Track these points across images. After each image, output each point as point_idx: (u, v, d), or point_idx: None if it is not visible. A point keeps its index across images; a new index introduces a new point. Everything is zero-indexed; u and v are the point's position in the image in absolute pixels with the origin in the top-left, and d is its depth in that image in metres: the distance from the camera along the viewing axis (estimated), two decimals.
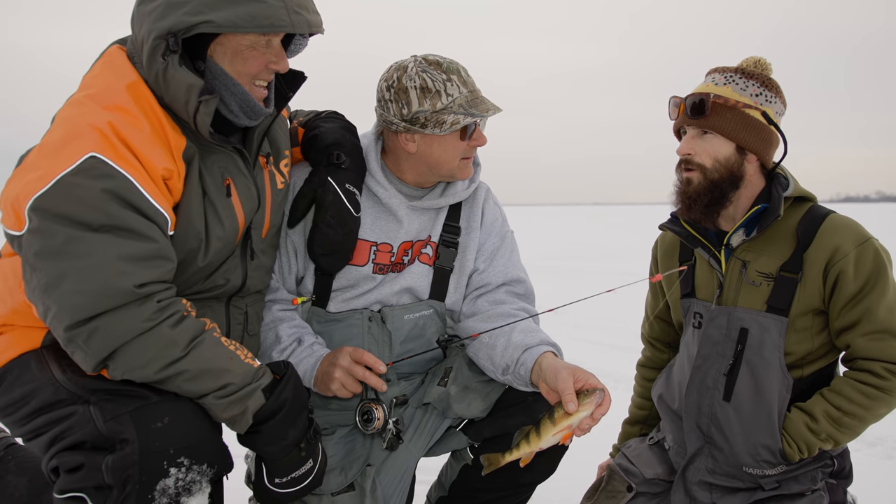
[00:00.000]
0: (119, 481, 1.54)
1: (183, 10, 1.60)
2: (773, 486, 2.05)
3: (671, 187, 2.13)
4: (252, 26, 1.63)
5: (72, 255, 1.52)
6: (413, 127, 1.97)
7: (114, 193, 1.55)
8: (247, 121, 1.79)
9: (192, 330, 1.62)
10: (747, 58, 2.11)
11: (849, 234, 1.99)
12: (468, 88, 1.98)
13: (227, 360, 1.64)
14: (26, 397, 1.68)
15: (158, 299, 1.58)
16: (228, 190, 1.79)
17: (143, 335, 1.56)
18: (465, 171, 2.07)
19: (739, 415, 2.06)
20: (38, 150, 1.63)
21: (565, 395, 1.70)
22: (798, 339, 2.02)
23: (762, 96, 2.05)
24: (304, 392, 1.78)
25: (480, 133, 2.04)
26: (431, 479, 2.34)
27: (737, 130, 2.02)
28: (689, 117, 2.04)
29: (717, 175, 2.03)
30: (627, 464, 2.29)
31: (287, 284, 2.10)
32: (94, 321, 1.53)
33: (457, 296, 2.16)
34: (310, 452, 1.78)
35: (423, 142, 2.00)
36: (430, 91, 1.94)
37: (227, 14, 1.60)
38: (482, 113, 1.97)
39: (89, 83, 1.71)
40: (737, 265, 2.09)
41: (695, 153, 2.05)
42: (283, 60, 1.76)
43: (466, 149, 2.03)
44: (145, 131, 1.64)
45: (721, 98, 2.02)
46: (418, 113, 1.96)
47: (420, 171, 2.06)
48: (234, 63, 1.70)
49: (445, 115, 1.94)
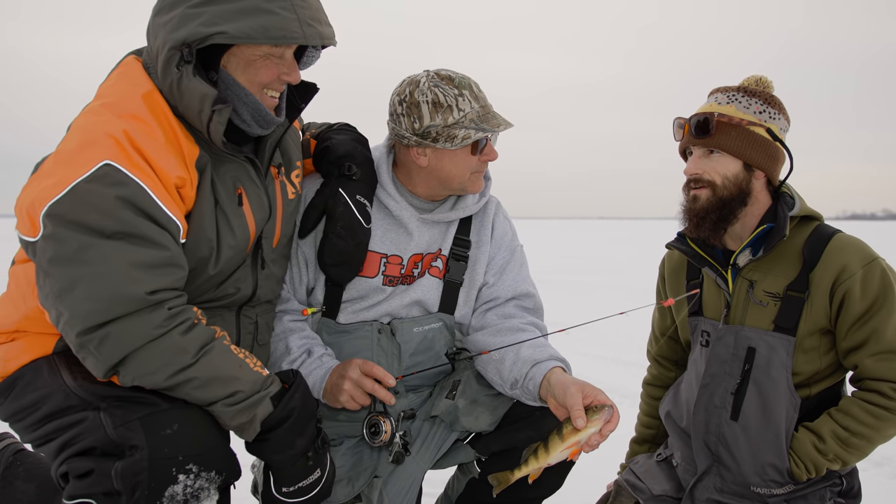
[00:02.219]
0: (128, 487, 1.54)
1: (197, 22, 1.62)
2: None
3: (678, 207, 2.13)
4: (265, 38, 1.64)
5: (84, 261, 1.54)
6: (424, 141, 1.98)
7: (127, 201, 1.56)
8: (259, 130, 1.80)
9: (203, 338, 1.62)
10: (748, 77, 2.12)
11: (855, 253, 1.98)
12: (480, 103, 1.99)
13: (236, 367, 1.65)
14: (37, 403, 1.69)
15: (170, 307, 1.59)
16: (240, 199, 1.81)
17: (153, 342, 1.56)
18: (475, 184, 2.08)
19: (747, 434, 2.05)
20: (53, 158, 1.65)
21: (574, 411, 1.70)
22: (806, 359, 2.02)
23: (766, 113, 2.05)
24: (313, 401, 1.78)
25: (492, 148, 2.05)
26: (438, 492, 2.34)
27: (742, 148, 2.02)
28: (695, 137, 2.05)
29: (726, 192, 2.03)
30: (635, 479, 2.28)
31: (298, 295, 2.10)
32: (106, 327, 1.54)
33: (466, 309, 2.16)
34: (318, 462, 1.78)
35: (434, 156, 2.01)
36: (441, 106, 1.95)
37: (240, 25, 1.62)
38: (493, 128, 1.98)
39: (105, 92, 1.73)
40: (744, 285, 2.09)
41: (703, 172, 2.05)
42: (294, 72, 1.78)
43: (477, 163, 2.04)
44: (159, 140, 1.66)
45: (725, 116, 2.03)
46: (430, 127, 1.97)
47: (431, 184, 2.07)
48: (247, 73, 1.72)
49: (457, 129, 1.96)
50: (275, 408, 1.67)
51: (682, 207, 2.11)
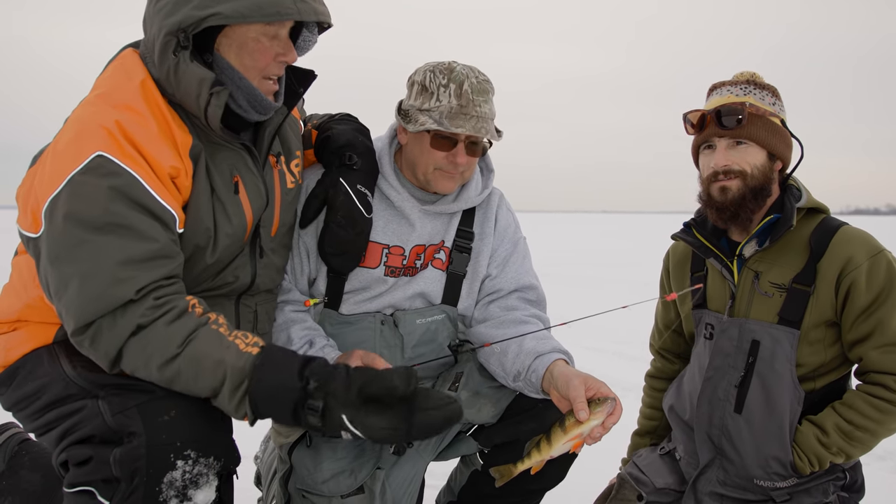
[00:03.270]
0: (127, 474, 1.54)
1: (191, 6, 1.62)
2: (784, 498, 2.04)
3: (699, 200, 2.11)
4: (259, 15, 1.63)
5: (75, 259, 1.54)
6: (401, 118, 2.03)
7: (120, 191, 1.56)
8: (255, 115, 1.79)
9: (190, 326, 1.59)
10: (742, 72, 2.11)
11: (861, 245, 1.98)
12: (460, 102, 1.94)
13: (222, 350, 1.57)
14: (38, 392, 1.70)
15: (155, 297, 1.58)
16: (237, 187, 1.80)
17: (138, 332, 1.56)
18: (440, 182, 2.03)
19: (750, 427, 2.05)
20: (50, 150, 1.65)
21: (577, 404, 1.70)
22: (810, 350, 2.01)
23: (777, 104, 2.08)
24: (284, 358, 1.59)
25: (460, 151, 1.98)
26: (441, 484, 2.34)
27: (769, 138, 2.03)
28: (723, 128, 2.03)
29: (756, 182, 2.03)
30: (638, 473, 2.28)
31: (299, 285, 2.10)
32: (95, 324, 1.55)
33: (469, 301, 2.15)
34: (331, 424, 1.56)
35: (408, 137, 2.05)
36: (425, 90, 1.97)
37: (234, 5, 1.61)
38: (451, 127, 1.92)
39: (101, 84, 1.73)
40: (749, 276, 2.08)
41: (732, 163, 2.03)
42: (290, 51, 1.76)
43: (443, 160, 1.99)
44: (152, 130, 1.65)
45: (754, 107, 2.03)
46: (409, 106, 2.01)
47: (409, 166, 2.08)
48: (241, 56, 1.71)
49: (422, 115, 1.96)
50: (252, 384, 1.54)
51: (705, 200, 2.08)
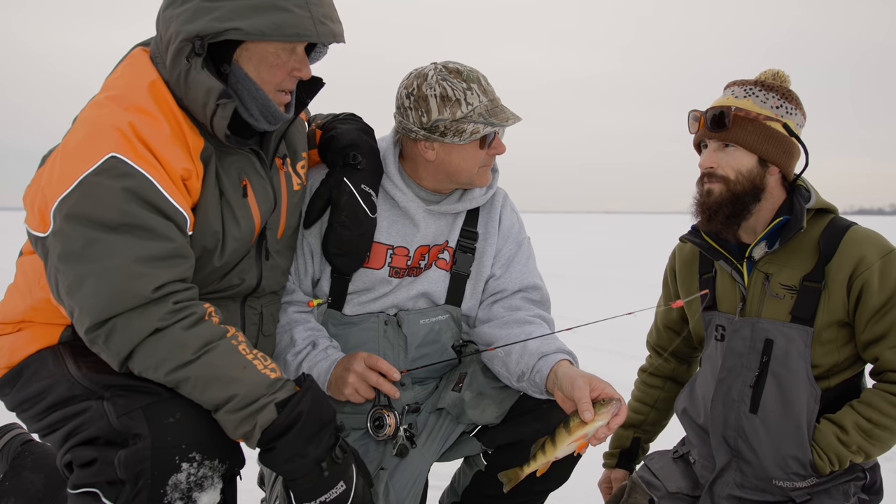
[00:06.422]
0: (131, 476, 1.54)
1: (212, 16, 1.62)
2: (804, 498, 2.02)
3: (691, 200, 2.11)
4: (278, 35, 1.64)
5: (91, 257, 1.55)
6: (432, 135, 1.97)
7: (133, 192, 1.57)
8: (266, 125, 1.80)
9: (207, 335, 1.59)
10: (765, 70, 2.10)
11: (872, 245, 1.97)
12: (488, 97, 1.97)
13: (239, 368, 1.58)
14: (42, 393, 1.70)
15: (175, 300, 1.59)
16: (245, 190, 1.80)
17: (154, 335, 1.56)
18: (483, 178, 2.07)
19: (767, 427, 2.03)
20: (60, 151, 1.65)
21: (581, 404, 1.69)
22: (824, 351, 2.00)
23: (783, 108, 2.04)
24: (328, 407, 1.65)
25: (500, 142, 2.04)
26: (444, 485, 2.33)
27: (758, 143, 2.01)
28: (711, 130, 2.03)
29: (740, 187, 2.01)
30: (650, 476, 2.26)
31: (303, 286, 2.10)
32: (111, 321, 1.55)
33: (473, 301, 2.15)
34: (337, 473, 1.63)
35: (442, 150, 2.00)
36: (450, 100, 1.93)
37: (255, 22, 1.62)
38: (502, 122, 1.96)
39: (111, 84, 1.73)
40: (759, 278, 2.07)
41: (717, 166, 2.03)
42: (305, 67, 1.77)
43: (485, 157, 2.02)
44: (164, 132, 1.66)
45: (742, 111, 2.01)
46: (438, 121, 1.95)
47: (439, 178, 2.06)
48: (259, 70, 1.72)
49: (465, 124, 1.94)
50: (278, 414, 1.57)
51: (694, 201, 2.10)
